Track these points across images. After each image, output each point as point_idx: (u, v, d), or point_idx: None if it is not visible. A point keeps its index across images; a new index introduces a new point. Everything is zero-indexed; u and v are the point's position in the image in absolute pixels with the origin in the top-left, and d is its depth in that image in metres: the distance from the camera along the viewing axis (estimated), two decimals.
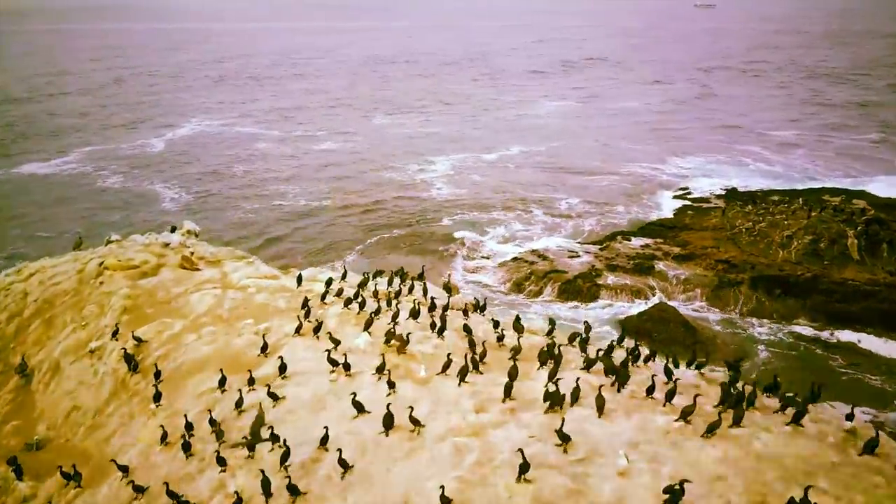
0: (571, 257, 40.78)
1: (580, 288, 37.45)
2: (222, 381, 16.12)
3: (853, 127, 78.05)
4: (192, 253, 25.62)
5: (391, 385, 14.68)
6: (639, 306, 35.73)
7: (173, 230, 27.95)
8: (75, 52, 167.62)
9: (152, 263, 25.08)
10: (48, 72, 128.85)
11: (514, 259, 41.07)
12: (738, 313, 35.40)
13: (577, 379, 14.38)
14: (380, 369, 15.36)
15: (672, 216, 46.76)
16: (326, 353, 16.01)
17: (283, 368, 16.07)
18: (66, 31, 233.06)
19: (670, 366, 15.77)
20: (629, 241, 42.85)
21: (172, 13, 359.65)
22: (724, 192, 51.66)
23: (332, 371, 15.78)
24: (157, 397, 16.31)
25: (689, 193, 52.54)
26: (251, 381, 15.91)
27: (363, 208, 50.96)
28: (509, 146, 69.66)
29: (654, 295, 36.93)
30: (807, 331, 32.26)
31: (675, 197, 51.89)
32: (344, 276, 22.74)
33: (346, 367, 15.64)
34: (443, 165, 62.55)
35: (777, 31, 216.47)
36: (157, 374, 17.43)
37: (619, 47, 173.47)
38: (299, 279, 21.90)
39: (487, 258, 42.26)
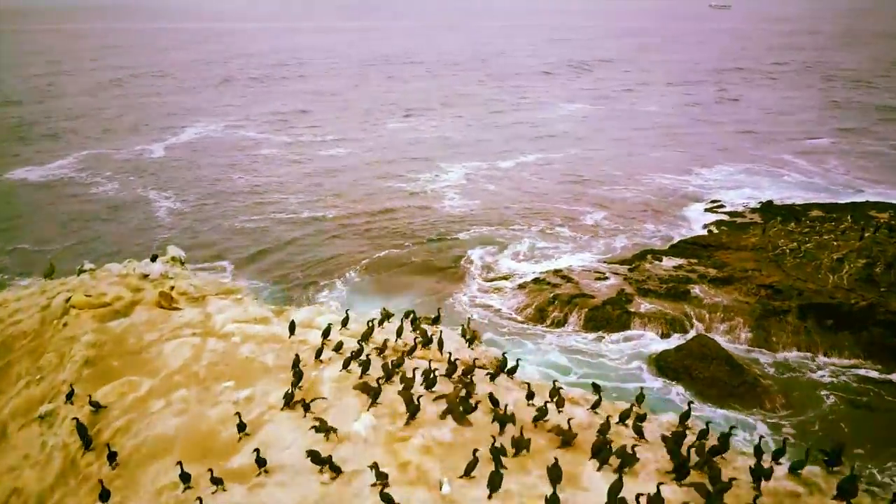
0: (598, 279, 37.15)
1: (609, 315, 33.87)
2: (185, 478, 12.73)
3: (878, 133, 74.14)
4: (173, 288, 22.30)
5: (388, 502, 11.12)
6: (675, 340, 32.14)
7: (154, 259, 24.61)
8: (76, 51, 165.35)
9: (126, 300, 21.80)
10: (49, 72, 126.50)
11: (536, 280, 37.46)
12: (786, 347, 31.73)
13: (659, 485, 10.95)
14: (379, 475, 11.77)
15: (706, 233, 42.98)
16: (308, 452, 12.49)
17: (262, 462, 12.67)
18: (67, 31, 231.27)
19: (761, 463, 12.24)
20: (660, 261, 39.18)
21: (173, 13, 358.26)
22: (759, 206, 47.91)
23: (321, 471, 12.34)
24: (105, 496, 12.90)
25: (721, 206, 48.78)
26: (217, 481, 12.47)
27: (370, 220, 47.59)
28: (525, 152, 66.09)
29: (691, 325, 33.30)
30: (872, 373, 28.53)
31: (707, 210, 48.17)
32: (345, 322, 19.31)
33: (335, 468, 12.17)
34: (455, 174, 59.08)
35: (791, 31, 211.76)
36: (112, 457, 14.10)
37: (631, 48, 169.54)
38: (292, 327, 18.49)
39: (505, 278, 38.73)
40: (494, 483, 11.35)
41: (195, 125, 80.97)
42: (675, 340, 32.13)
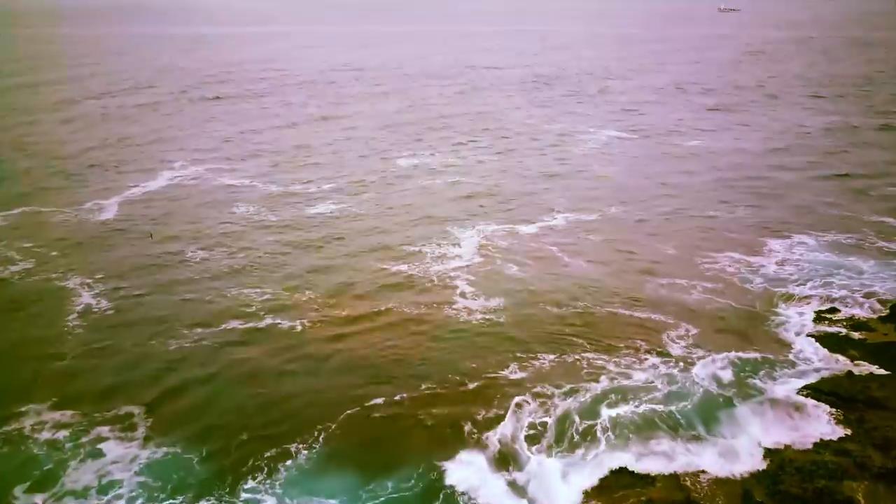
0: None
1: None
2: None
3: None
4: None
5: None
6: None
7: None
8: (61, 58, 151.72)
9: None
10: (26, 84, 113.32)
11: (621, 471, 24.05)
12: None
13: None
14: None
15: (842, 374, 29.55)
16: None
17: None
18: (44, 36, 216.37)
19: None
20: None
21: (172, 15, 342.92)
22: (887, 313, 34.72)
23: None
24: None
25: (833, 312, 35.49)
26: None
27: (347, 335, 34.36)
28: (552, 209, 52.95)
29: None
30: None
31: (817, 319, 34.84)
32: None
33: None
34: (467, 244, 45.95)
35: (808, 39, 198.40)
36: None
37: (645, 57, 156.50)
38: None
39: (567, 464, 25.35)
40: None
41: (168, 167, 67.22)
42: None
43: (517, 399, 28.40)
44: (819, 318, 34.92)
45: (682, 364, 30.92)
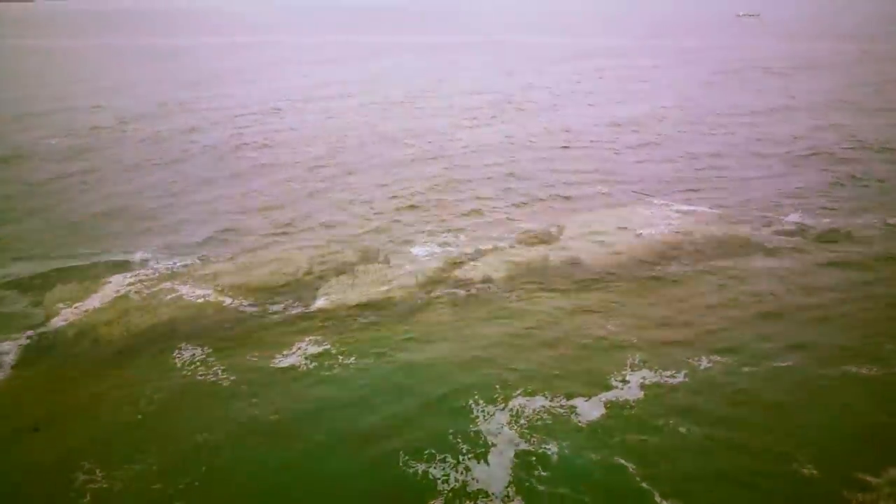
0: None
1: None
2: None
3: None
4: None
5: None
6: None
7: None
8: (9, 78, 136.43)
9: None
10: None
11: None
12: None
13: None
14: None
15: None
16: None
17: None
18: (13, 48, 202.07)
19: None
20: None
21: (155, 21, 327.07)
22: None
23: None
24: None
25: None
26: None
27: None
28: (621, 367, 35.39)
29: None
30: None
31: None
32: None
33: None
34: (498, 461, 28.75)
35: (837, 52, 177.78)
36: None
37: (680, 79, 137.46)
38: None
39: None
40: None
41: (121, 267, 49.68)
42: None
43: None
44: None
45: None
